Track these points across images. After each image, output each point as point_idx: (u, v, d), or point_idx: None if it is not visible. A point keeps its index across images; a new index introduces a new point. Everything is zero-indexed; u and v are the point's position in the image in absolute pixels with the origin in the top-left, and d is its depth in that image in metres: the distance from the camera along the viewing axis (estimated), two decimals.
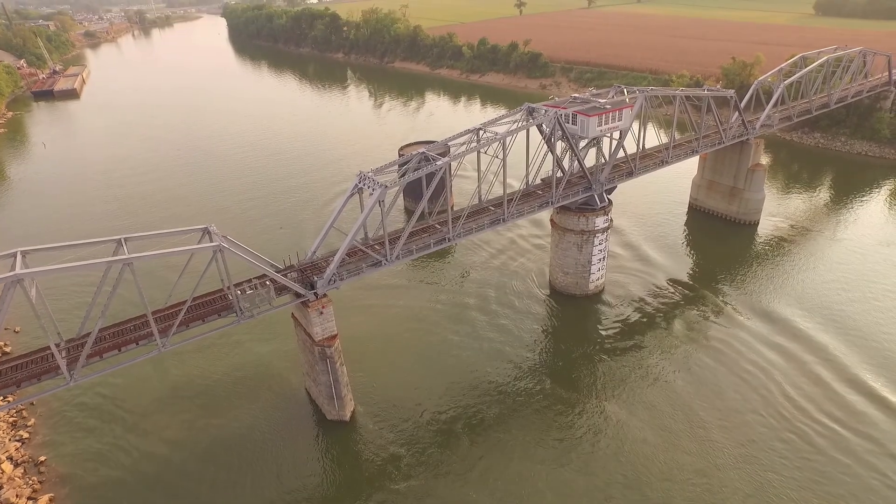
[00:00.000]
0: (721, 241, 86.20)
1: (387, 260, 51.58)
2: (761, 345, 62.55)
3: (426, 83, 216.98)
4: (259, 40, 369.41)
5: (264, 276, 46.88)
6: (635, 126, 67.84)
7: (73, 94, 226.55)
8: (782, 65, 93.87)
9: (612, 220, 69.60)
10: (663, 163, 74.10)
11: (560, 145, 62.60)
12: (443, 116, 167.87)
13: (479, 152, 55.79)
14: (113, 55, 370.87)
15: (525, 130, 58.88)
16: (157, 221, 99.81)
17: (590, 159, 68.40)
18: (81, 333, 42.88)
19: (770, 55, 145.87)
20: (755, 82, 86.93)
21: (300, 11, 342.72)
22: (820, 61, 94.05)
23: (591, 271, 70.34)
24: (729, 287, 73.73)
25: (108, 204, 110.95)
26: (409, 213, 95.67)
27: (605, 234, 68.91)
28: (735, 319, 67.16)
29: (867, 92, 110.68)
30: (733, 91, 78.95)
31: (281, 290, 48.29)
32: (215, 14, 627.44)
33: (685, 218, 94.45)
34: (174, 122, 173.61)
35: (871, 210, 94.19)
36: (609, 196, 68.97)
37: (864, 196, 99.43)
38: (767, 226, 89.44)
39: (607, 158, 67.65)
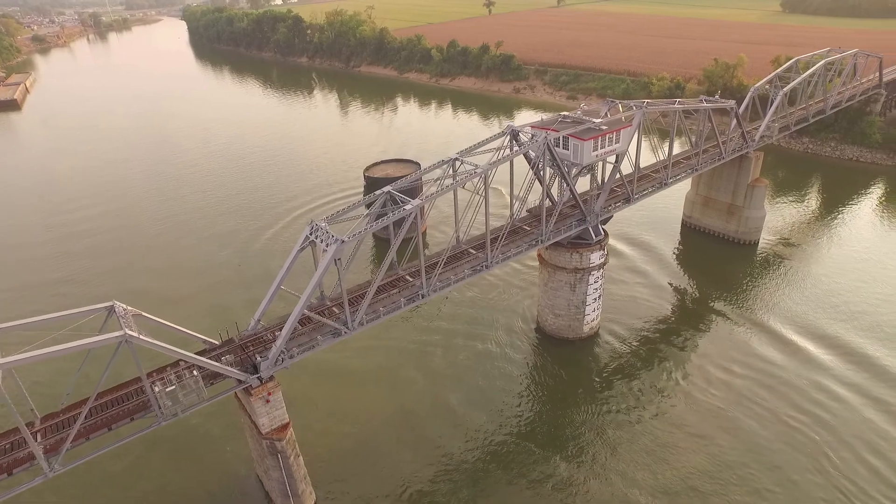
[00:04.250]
0: (721, 264, 78.78)
1: (347, 328, 42.12)
2: (794, 392, 54.77)
3: (394, 88, 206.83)
4: (220, 44, 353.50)
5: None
6: (632, 146, 59.56)
7: (13, 106, 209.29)
8: (778, 70, 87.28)
9: (608, 255, 61.37)
10: (662, 185, 66.17)
11: (549, 171, 53.96)
12: (413, 122, 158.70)
13: (455, 189, 46.80)
14: (65, 61, 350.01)
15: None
16: (89, 267, 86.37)
17: (581, 183, 59.79)
18: None
19: (748, 54, 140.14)
20: (751, 89, 79.78)
21: (261, 14, 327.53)
22: (818, 65, 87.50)
23: (586, 312, 61.93)
24: (739, 318, 66.20)
25: (37, 242, 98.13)
26: (378, 240, 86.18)
27: (601, 270, 60.59)
28: (752, 361, 59.26)
29: (860, 95, 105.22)
30: (734, 102, 71.46)
31: (215, 375, 38.55)
32: (175, 17, 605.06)
33: (678, 238, 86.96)
34: (125, 136, 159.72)
35: (877, 224, 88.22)
36: (604, 227, 60.85)
37: (866, 207, 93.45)
38: (767, 245, 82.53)
39: (601, 184, 59.47)
